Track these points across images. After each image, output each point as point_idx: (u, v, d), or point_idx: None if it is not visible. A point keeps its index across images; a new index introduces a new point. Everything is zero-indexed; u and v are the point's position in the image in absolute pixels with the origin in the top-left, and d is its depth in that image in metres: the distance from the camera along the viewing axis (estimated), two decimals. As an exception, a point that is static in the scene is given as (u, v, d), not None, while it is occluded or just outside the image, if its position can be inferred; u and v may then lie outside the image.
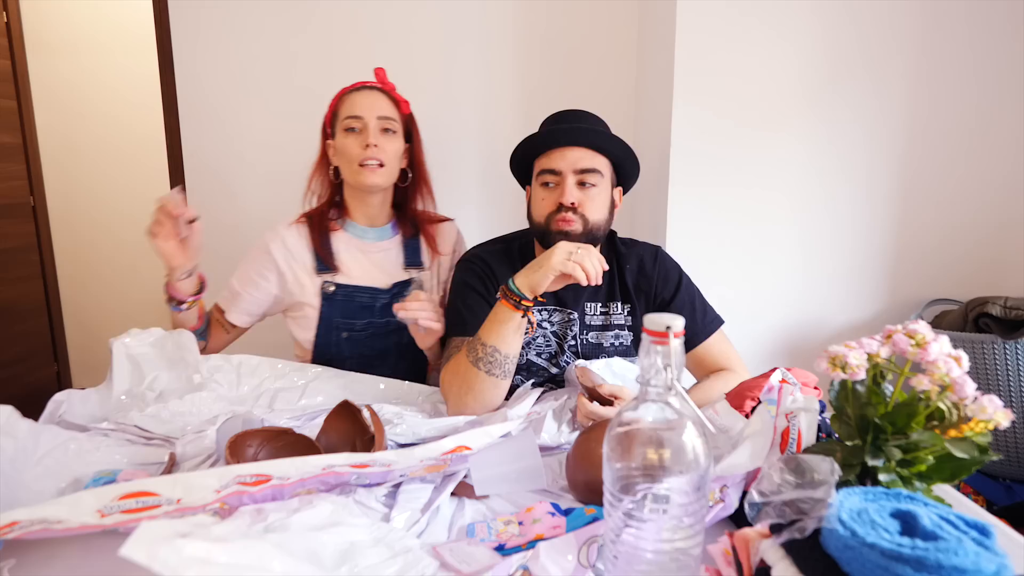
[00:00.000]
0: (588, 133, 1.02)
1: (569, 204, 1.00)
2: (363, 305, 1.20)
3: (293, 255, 1.20)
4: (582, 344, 1.07)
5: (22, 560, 0.59)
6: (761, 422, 0.70)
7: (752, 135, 1.59)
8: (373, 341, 1.21)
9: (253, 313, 1.23)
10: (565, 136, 1.02)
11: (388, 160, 1.17)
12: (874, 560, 0.40)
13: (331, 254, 1.21)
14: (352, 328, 1.20)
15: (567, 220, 1.00)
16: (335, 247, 1.22)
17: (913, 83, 1.60)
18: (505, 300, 0.92)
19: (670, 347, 0.47)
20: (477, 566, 0.56)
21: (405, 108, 1.22)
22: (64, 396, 0.92)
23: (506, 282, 0.93)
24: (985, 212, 1.65)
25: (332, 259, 1.20)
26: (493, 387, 0.92)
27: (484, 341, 0.93)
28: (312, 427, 0.87)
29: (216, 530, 0.50)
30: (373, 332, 1.21)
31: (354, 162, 1.15)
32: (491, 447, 0.73)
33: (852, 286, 1.70)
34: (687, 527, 0.47)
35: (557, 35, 1.76)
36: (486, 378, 0.92)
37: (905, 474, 0.54)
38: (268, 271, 1.20)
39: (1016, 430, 1.48)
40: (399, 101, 1.22)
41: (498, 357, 0.91)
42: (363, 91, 1.19)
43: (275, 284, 1.21)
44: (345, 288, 1.20)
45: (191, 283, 1.10)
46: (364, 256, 1.23)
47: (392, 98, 1.21)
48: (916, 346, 0.54)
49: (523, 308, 0.91)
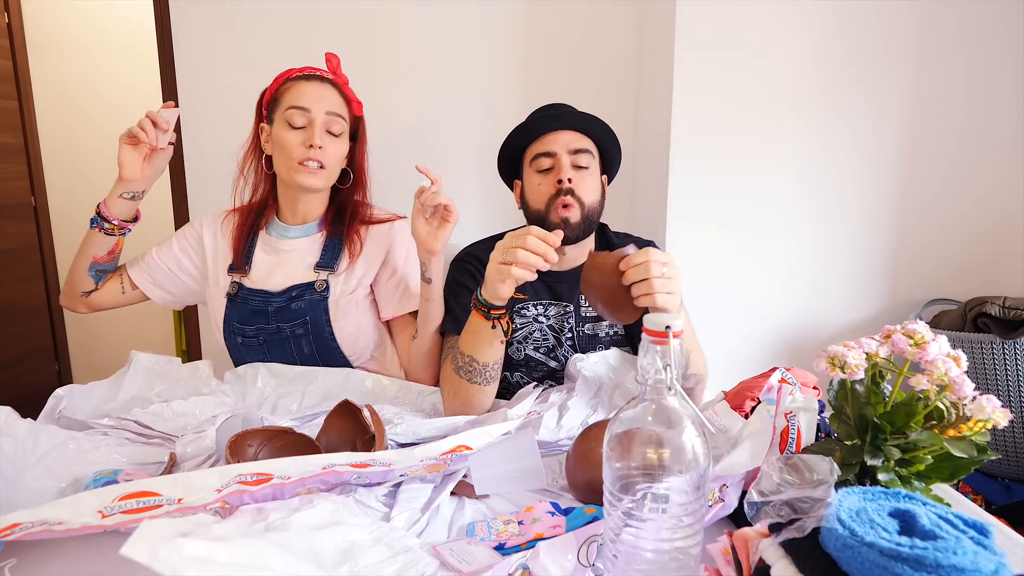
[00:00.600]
0: (576, 116, 1.06)
1: (567, 181, 1.01)
2: (255, 310, 1.12)
3: (218, 245, 1.17)
4: (578, 336, 1.08)
5: (22, 560, 0.59)
6: (760, 422, 0.70)
7: (752, 134, 1.60)
8: (268, 348, 1.13)
9: (158, 282, 1.16)
10: (557, 120, 1.06)
11: (330, 163, 1.09)
12: (873, 559, 0.40)
13: (247, 254, 1.15)
14: (244, 334, 1.13)
15: (567, 205, 1.01)
16: (255, 247, 1.16)
17: (912, 83, 1.60)
18: (475, 310, 0.89)
19: (670, 347, 0.47)
20: (477, 565, 0.56)
21: (357, 109, 1.14)
22: (65, 391, 0.92)
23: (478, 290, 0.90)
24: (984, 212, 1.66)
25: (244, 260, 1.14)
26: (478, 393, 0.93)
27: (462, 350, 0.92)
28: (312, 427, 0.87)
29: (217, 529, 0.50)
30: (265, 339, 1.13)
31: (293, 159, 1.07)
32: (491, 447, 0.73)
33: (851, 286, 1.70)
34: (686, 526, 0.47)
35: (557, 35, 1.77)
36: (469, 386, 0.92)
37: (904, 473, 0.55)
38: (194, 254, 1.17)
39: (1014, 429, 1.48)
40: (351, 100, 1.13)
41: (476, 366, 0.91)
42: (313, 81, 1.09)
43: (197, 270, 1.17)
44: (244, 290, 1.13)
45: (128, 208, 1.06)
46: (275, 256, 1.16)
47: (344, 95, 1.12)
48: (915, 346, 0.54)
49: (492, 318, 0.88)
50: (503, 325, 0.89)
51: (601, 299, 0.82)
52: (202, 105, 1.78)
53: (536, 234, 0.82)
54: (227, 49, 1.75)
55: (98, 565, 0.58)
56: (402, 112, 1.77)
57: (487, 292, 0.87)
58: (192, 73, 1.76)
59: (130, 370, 1.00)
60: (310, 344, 1.13)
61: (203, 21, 1.73)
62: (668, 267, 0.79)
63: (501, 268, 0.83)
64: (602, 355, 0.99)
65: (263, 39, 1.74)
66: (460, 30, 1.75)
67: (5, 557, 0.59)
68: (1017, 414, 1.47)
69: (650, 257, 0.78)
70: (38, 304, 2.51)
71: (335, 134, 1.10)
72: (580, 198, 1.02)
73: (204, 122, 1.78)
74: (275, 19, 1.73)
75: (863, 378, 0.56)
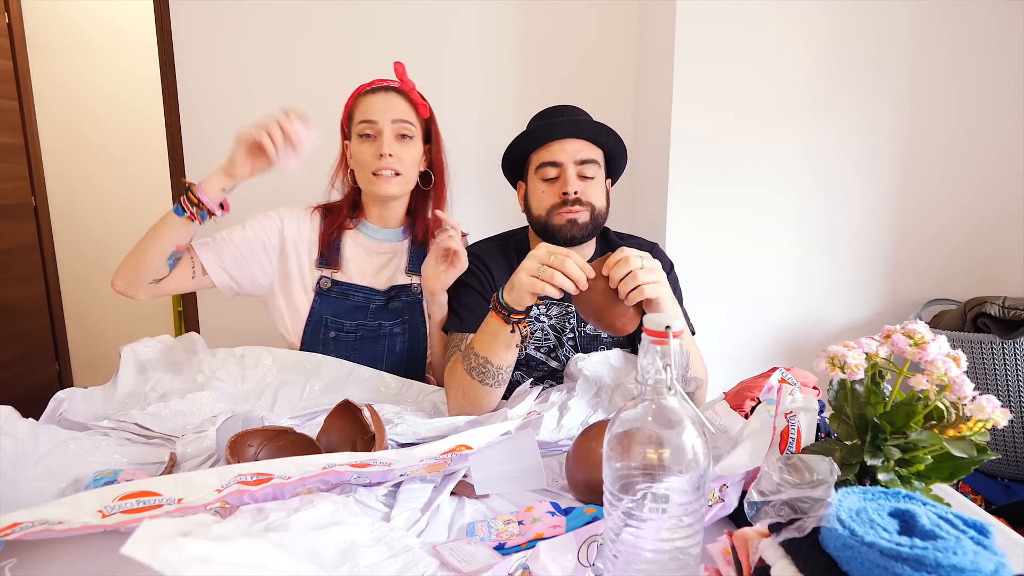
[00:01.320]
0: (586, 125, 1.05)
1: (573, 193, 1.02)
2: (356, 305, 1.17)
3: (302, 239, 1.16)
4: (580, 336, 1.08)
5: (22, 560, 0.59)
6: (760, 422, 0.70)
7: (752, 135, 1.60)
8: (362, 344, 1.16)
9: (225, 266, 1.11)
10: (565, 128, 1.04)
11: (404, 168, 1.12)
12: (873, 559, 0.40)
13: (336, 250, 1.17)
14: (341, 328, 1.15)
15: (573, 211, 1.03)
16: (343, 244, 1.19)
17: (912, 83, 1.60)
18: (495, 312, 0.89)
19: (670, 347, 0.47)
20: (477, 565, 0.56)
21: (424, 111, 1.16)
22: (65, 394, 0.92)
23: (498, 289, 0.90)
24: (983, 212, 1.66)
25: (336, 255, 1.17)
26: (488, 394, 0.93)
27: (477, 351, 0.91)
28: (312, 426, 0.87)
29: (217, 529, 0.50)
30: (362, 335, 1.16)
31: (367, 170, 1.11)
32: (491, 446, 0.73)
33: (851, 286, 1.70)
34: (686, 526, 0.47)
35: (557, 35, 1.77)
36: (480, 387, 0.92)
37: (904, 473, 0.55)
38: (269, 244, 1.14)
39: (1014, 429, 1.48)
40: (417, 104, 1.15)
41: (490, 368, 0.90)
42: (378, 93, 1.13)
43: (275, 259, 1.15)
44: (341, 285, 1.16)
45: (220, 198, 1.01)
46: (368, 257, 1.20)
47: (410, 100, 1.14)
48: (915, 346, 0.54)
49: (512, 322, 0.87)
50: (521, 329, 0.88)
51: (596, 313, 0.83)
52: (202, 105, 1.78)
53: (576, 260, 0.81)
54: (227, 49, 1.75)
55: (98, 565, 0.58)
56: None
57: (511, 298, 0.86)
58: (192, 73, 1.76)
59: (121, 366, 0.99)
60: (403, 343, 1.17)
61: (203, 21, 1.73)
62: (645, 259, 0.80)
63: (535, 282, 0.82)
64: (603, 355, 0.99)
65: (263, 39, 1.74)
66: (460, 29, 1.75)
67: (5, 557, 0.59)
68: (1017, 414, 1.47)
69: (625, 253, 0.80)
70: (38, 304, 2.51)
71: (406, 139, 1.13)
72: (590, 202, 1.04)
73: (204, 122, 1.79)
74: (275, 19, 1.73)
75: (863, 378, 0.56)
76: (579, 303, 0.84)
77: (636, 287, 0.78)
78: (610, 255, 0.81)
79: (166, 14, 1.73)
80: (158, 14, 1.75)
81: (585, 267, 0.81)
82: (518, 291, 0.84)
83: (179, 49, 1.75)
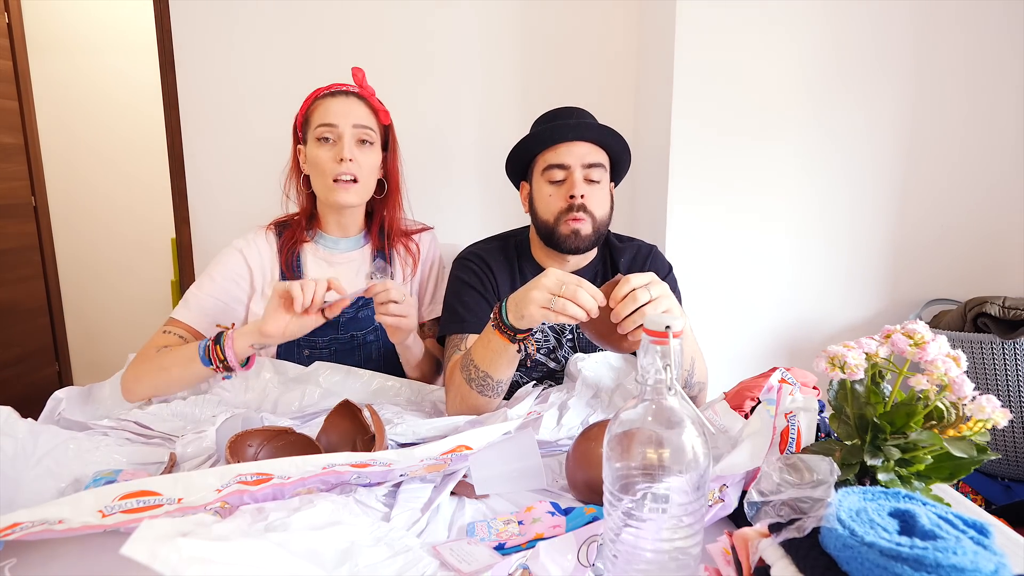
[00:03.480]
0: (594, 128, 1.05)
1: (580, 197, 1.02)
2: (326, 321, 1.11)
3: (264, 261, 1.12)
4: (579, 337, 1.08)
5: (22, 560, 0.59)
6: (760, 422, 0.70)
7: (752, 135, 1.60)
8: (337, 358, 1.11)
9: (208, 314, 1.07)
10: (573, 131, 1.04)
11: (363, 175, 1.09)
12: (873, 559, 0.40)
13: (297, 267, 1.13)
14: (314, 346, 1.12)
15: (578, 219, 1.02)
16: (303, 259, 1.14)
17: (911, 84, 1.60)
18: (499, 333, 0.85)
19: (670, 347, 0.47)
20: (477, 565, 0.56)
21: (384, 118, 1.14)
22: (64, 394, 0.92)
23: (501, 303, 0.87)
24: (983, 212, 1.66)
25: (297, 272, 1.12)
26: (487, 404, 0.93)
27: (477, 364, 0.90)
28: (312, 426, 0.87)
29: (217, 529, 0.50)
30: (336, 349, 1.13)
31: (327, 176, 1.07)
32: (491, 447, 0.73)
33: (851, 286, 1.70)
34: (686, 526, 0.47)
35: (557, 35, 1.77)
36: (479, 397, 0.91)
37: (904, 473, 0.55)
38: (240, 278, 1.11)
39: (1014, 429, 1.48)
40: (378, 110, 1.13)
41: (490, 382, 0.90)
42: (338, 97, 1.09)
43: (246, 293, 1.11)
44: None
45: (247, 354, 0.97)
46: (331, 268, 1.16)
47: (370, 105, 1.12)
48: (915, 346, 0.54)
49: (517, 341, 0.85)
50: (529, 348, 0.88)
51: (602, 336, 0.83)
52: (202, 105, 1.78)
53: (588, 290, 0.79)
54: (227, 49, 1.75)
55: (98, 565, 0.58)
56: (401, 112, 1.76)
57: (516, 319, 0.83)
58: (192, 73, 1.76)
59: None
60: (379, 349, 1.15)
61: (203, 21, 1.73)
62: (652, 287, 0.78)
63: (547, 314, 0.79)
64: (603, 356, 0.99)
65: (263, 39, 1.74)
66: (460, 30, 1.75)
67: (5, 557, 0.59)
68: (1017, 414, 1.47)
69: (632, 285, 0.77)
70: (38, 304, 2.51)
71: (366, 145, 1.10)
72: (592, 212, 1.03)
73: (204, 122, 1.79)
74: (275, 19, 1.73)
75: (863, 378, 0.56)
76: (585, 326, 0.83)
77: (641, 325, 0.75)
78: (619, 280, 0.79)
79: (166, 14, 1.73)
80: (158, 14, 1.75)
81: (597, 295, 0.79)
82: (528, 321, 0.82)
83: (179, 49, 1.75)
